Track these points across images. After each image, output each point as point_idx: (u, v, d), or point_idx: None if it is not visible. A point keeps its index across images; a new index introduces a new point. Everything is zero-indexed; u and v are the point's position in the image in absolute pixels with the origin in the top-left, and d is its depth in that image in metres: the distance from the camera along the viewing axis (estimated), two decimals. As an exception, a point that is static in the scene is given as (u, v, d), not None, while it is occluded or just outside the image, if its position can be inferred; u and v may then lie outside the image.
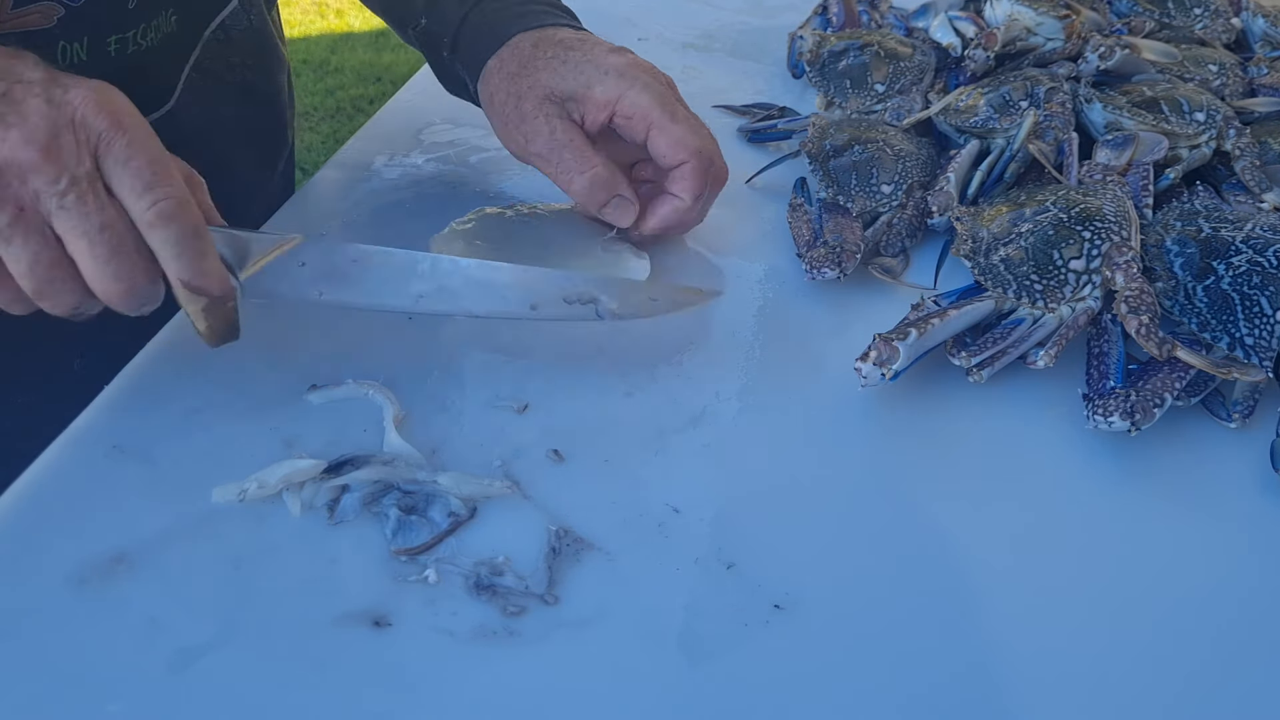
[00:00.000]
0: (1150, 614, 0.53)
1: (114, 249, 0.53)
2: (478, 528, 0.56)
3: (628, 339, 0.68)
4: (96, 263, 0.53)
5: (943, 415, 0.64)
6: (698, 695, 0.49)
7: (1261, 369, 0.64)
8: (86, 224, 0.52)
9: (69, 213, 0.52)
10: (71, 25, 0.68)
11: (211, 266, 0.56)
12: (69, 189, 0.52)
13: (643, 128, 0.70)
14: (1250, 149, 0.80)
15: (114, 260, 0.53)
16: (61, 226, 0.52)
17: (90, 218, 0.52)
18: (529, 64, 0.72)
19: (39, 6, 0.66)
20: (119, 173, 0.53)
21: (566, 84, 0.70)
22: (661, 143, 0.70)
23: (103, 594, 0.51)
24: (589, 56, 0.71)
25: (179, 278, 0.55)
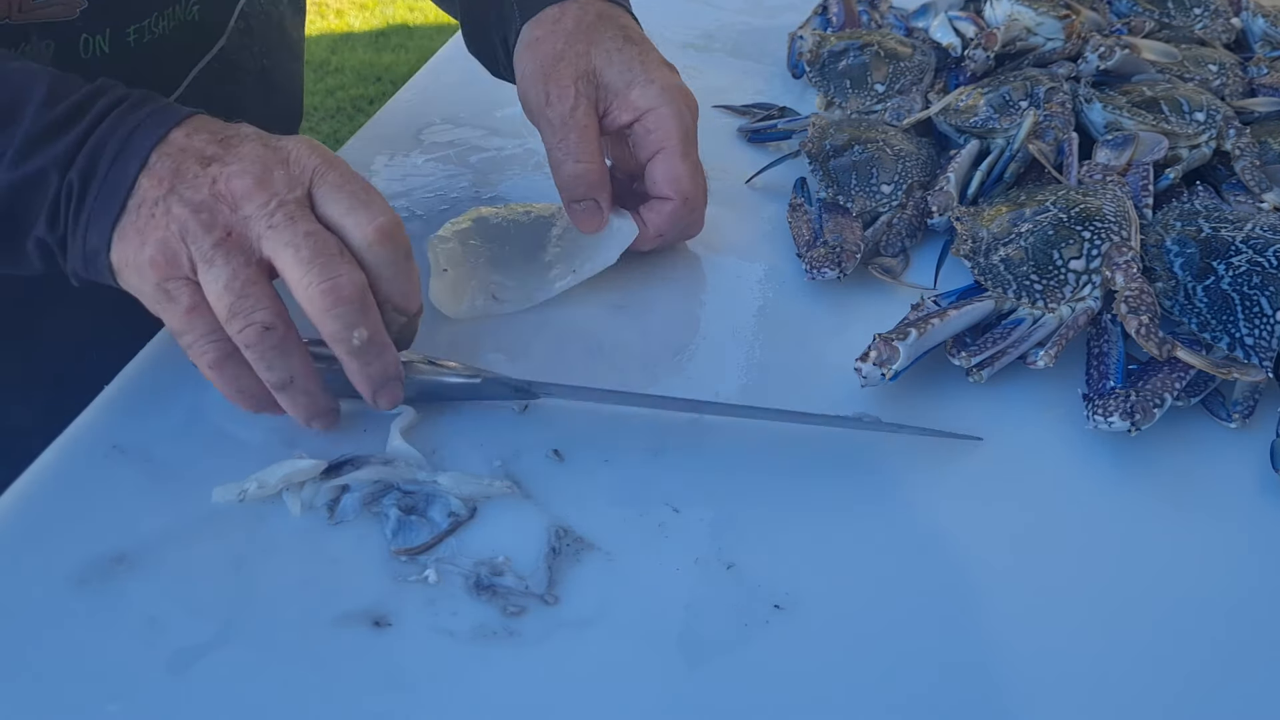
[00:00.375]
0: (1150, 614, 0.53)
1: (318, 250, 0.53)
2: (478, 528, 0.56)
3: (628, 339, 0.68)
4: (301, 265, 0.53)
5: (942, 415, 0.64)
6: (698, 695, 0.49)
7: (1261, 369, 0.64)
8: (293, 233, 0.53)
9: (276, 230, 0.53)
10: (94, 17, 0.69)
11: (415, 287, 0.57)
12: (278, 209, 0.53)
13: (654, 147, 0.70)
14: (1250, 149, 0.80)
15: (318, 260, 0.53)
16: (270, 245, 0.53)
17: (297, 226, 0.53)
18: (588, 32, 0.71)
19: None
20: (334, 196, 0.55)
21: (612, 73, 0.70)
22: (661, 171, 0.70)
23: (103, 594, 0.51)
24: (643, 59, 0.71)
25: (389, 295, 0.56)
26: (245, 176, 0.53)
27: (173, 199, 0.53)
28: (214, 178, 0.54)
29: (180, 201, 0.53)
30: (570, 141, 0.69)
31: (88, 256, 0.55)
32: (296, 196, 0.54)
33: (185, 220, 0.53)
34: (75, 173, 0.54)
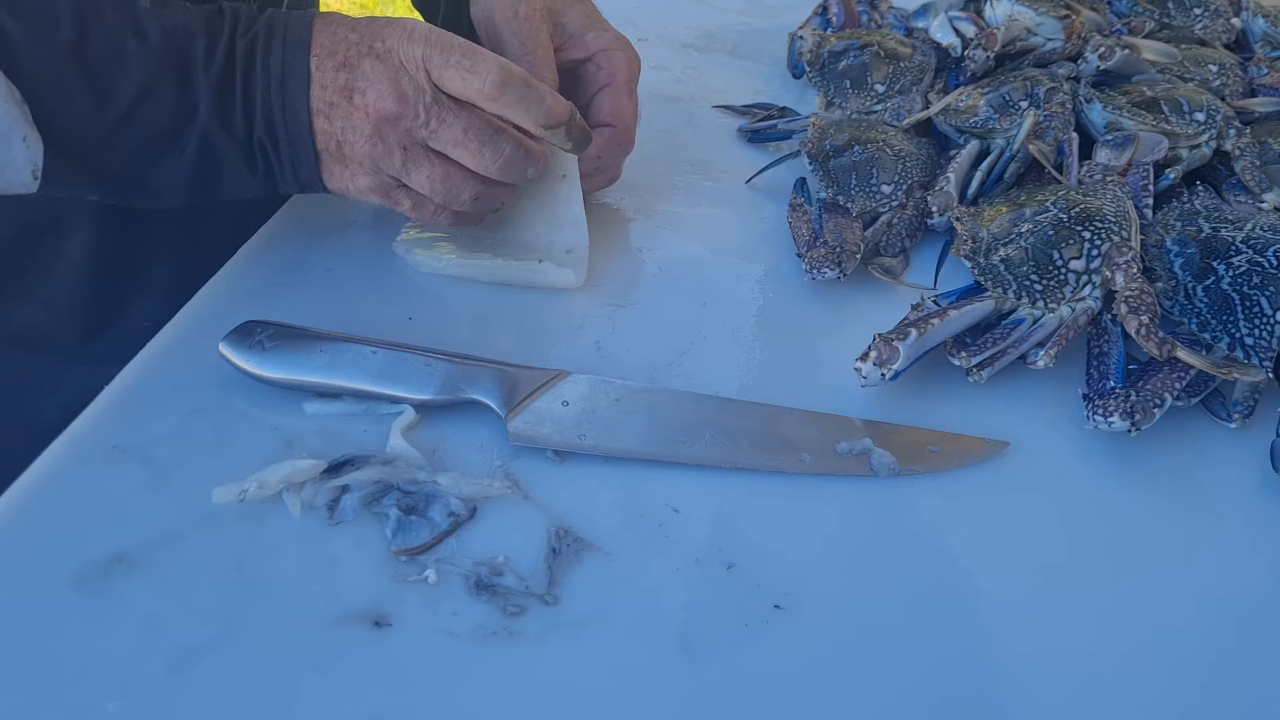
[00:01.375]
0: (1150, 613, 0.53)
1: (482, 140, 0.65)
2: (478, 528, 0.56)
3: (628, 339, 0.68)
4: (475, 156, 0.65)
5: (943, 415, 0.63)
6: (698, 695, 0.49)
7: (1261, 369, 0.64)
8: (453, 134, 0.64)
9: (437, 135, 0.64)
10: None
11: (554, 103, 0.65)
12: (428, 118, 0.63)
13: (603, 82, 0.76)
14: (1250, 149, 0.80)
15: (486, 147, 0.65)
16: (439, 144, 0.64)
17: (453, 128, 0.64)
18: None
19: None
20: (448, 75, 0.63)
21: (570, 18, 0.77)
22: (608, 102, 0.76)
23: (103, 594, 0.51)
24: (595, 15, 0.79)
25: (536, 123, 0.65)
26: (385, 99, 0.62)
27: (349, 139, 0.64)
28: (365, 110, 0.63)
29: (357, 139, 0.64)
30: (536, 57, 0.74)
31: (304, 186, 0.67)
32: (430, 94, 0.63)
33: (370, 154, 0.64)
34: (261, 130, 0.63)
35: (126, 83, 0.59)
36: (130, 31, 0.59)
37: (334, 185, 0.66)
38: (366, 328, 0.67)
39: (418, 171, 0.65)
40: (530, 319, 0.70)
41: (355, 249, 0.75)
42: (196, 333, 0.66)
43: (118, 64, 0.59)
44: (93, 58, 0.58)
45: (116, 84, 0.59)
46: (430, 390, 0.61)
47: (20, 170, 0.57)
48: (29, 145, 0.57)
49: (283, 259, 0.74)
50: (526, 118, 0.64)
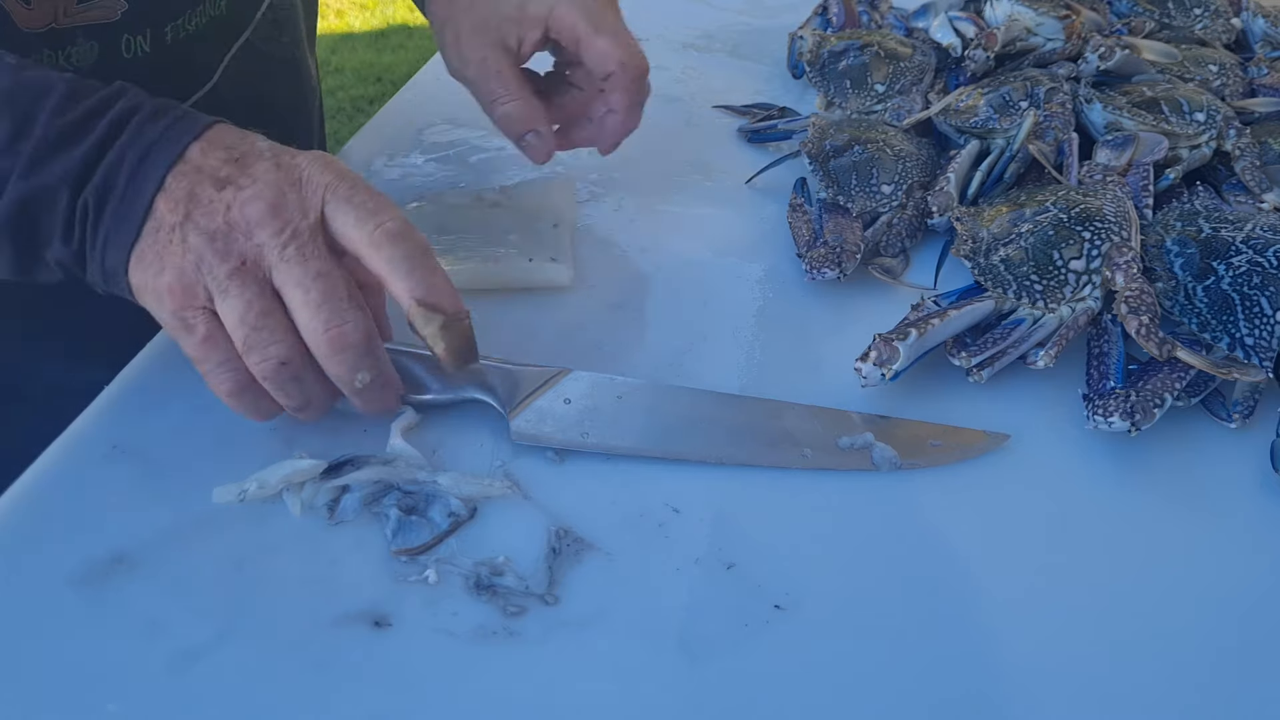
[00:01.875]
0: (1150, 613, 0.53)
1: (326, 294, 0.53)
2: (478, 528, 0.56)
3: (628, 339, 0.68)
4: (309, 308, 0.53)
5: (943, 415, 0.63)
6: (698, 695, 0.49)
7: (1261, 369, 0.64)
8: (304, 271, 0.53)
9: (289, 264, 0.53)
10: (134, 18, 0.71)
11: (442, 282, 0.55)
12: (290, 240, 0.53)
13: (572, 42, 0.72)
14: (1250, 149, 0.80)
15: (326, 305, 0.53)
16: (280, 279, 0.53)
17: (308, 265, 0.53)
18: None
19: (103, 1, 0.69)
20: (343, 209, 0.54)
21: (504, 6, 0.72)
22: (588, 56, 0.72)
23: (103, 594, 0.51)
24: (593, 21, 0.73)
25: (412, 295, 0.55)
26: (258, 202, 0.53)
27: (189, 227, 0.53)
28: (228, 203, 0.53)
29: (196, 230, 0.53)
30: (492, 88, 0.72)
31: (107, 274, 0.55)
32: (310, 223, 0.54)
33: (201, 250, 0.53)
34: (91, 191, 0.54)
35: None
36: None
37: (135, 278, 0.54)
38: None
39: (239, 293, 0.53)
40: (530, 320, 0.70)
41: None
42: (196, 333, 0.66)
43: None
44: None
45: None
46: (432, 390, 0.61)
47: None
48: None
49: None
50: (404, 280, 0.54)
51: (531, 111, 0.72)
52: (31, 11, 0.66)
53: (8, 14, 0.66)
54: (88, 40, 0.70)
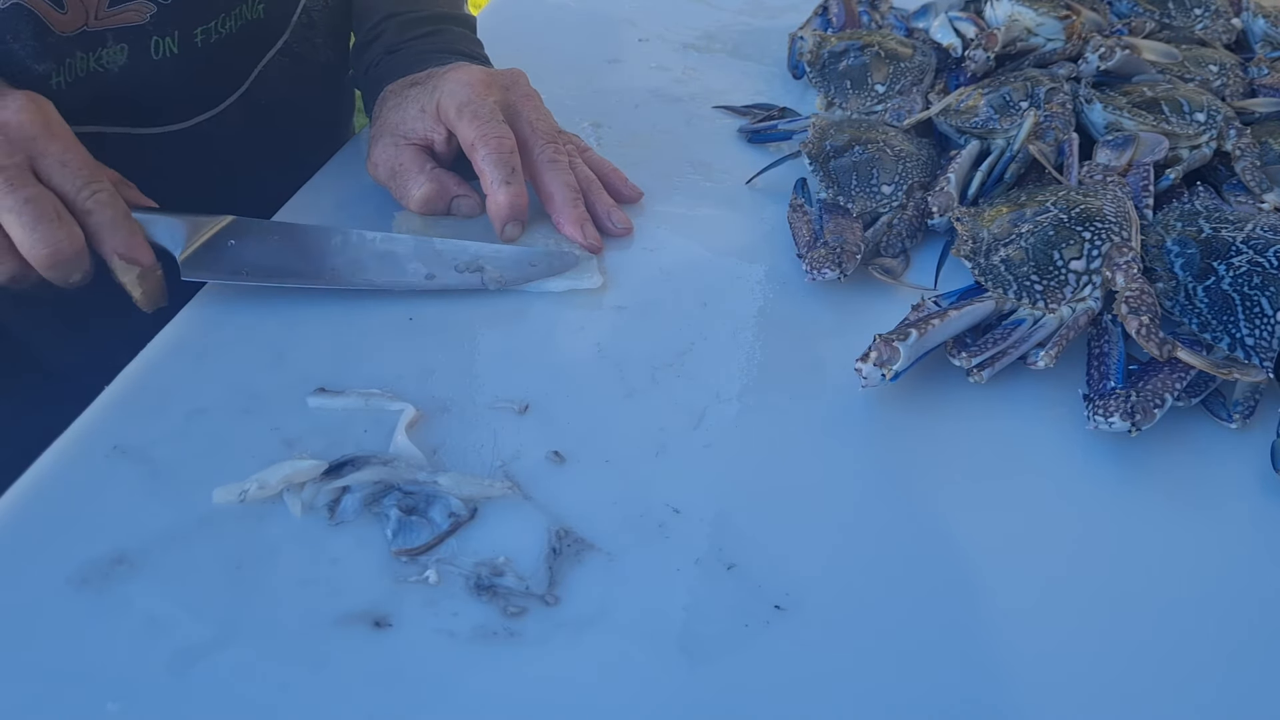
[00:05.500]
0: (1151, 614, 0.53)
1: (38, 216, 0.60)
2: (478, 528, 0.56)
3: (628, 339, 0.68)
4: (24, 230, 0.60)
5: (943, 416, 0.64)
6: (698, 696, 0.49)
7: (1262, 369, 0.64)
8: (13, 198, 0.59)
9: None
10: (163, 20, 0.74)
11: (140, 241, 0.64)
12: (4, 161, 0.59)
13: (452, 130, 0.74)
14: (1251, 149, 0.80)
15: (39, 226, 0.60)
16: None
17: (16, 192, 0.59)
18: (385, 106, 0.79)
19: (133, 4, 0.72)
20: (58, 171, 0.61)
21: (405, 121, 0.76)
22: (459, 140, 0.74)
23: (103, 594, 0.51)
24: (426, 84, 0.77)
25: (115, 250, 0.63)
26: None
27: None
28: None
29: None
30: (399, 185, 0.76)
31: None
32: (16, 162, 0.60)
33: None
34: None
35: None
36: None
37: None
38: (367, 328, 0.67)
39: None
40: (530, 320, 0.70)
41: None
42: (197, 333, 0.66)
43: None
44: None
45: None
46: None
47: None
48: None
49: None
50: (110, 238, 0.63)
51: (439, 187, 0.75)
52: (65, 15, 0.69)
53: (42, 18, 0.68)
54: (118, 42, 0.72)
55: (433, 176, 0.76)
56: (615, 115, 0.93)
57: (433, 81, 0.76)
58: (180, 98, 0.78)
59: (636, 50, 1.07)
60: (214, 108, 0.81)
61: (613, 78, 0.76)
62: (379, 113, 0.79)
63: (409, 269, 0.69)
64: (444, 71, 0.77)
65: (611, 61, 1.03)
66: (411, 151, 0.76)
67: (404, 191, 0.76)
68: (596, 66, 0.76)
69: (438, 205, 0.76)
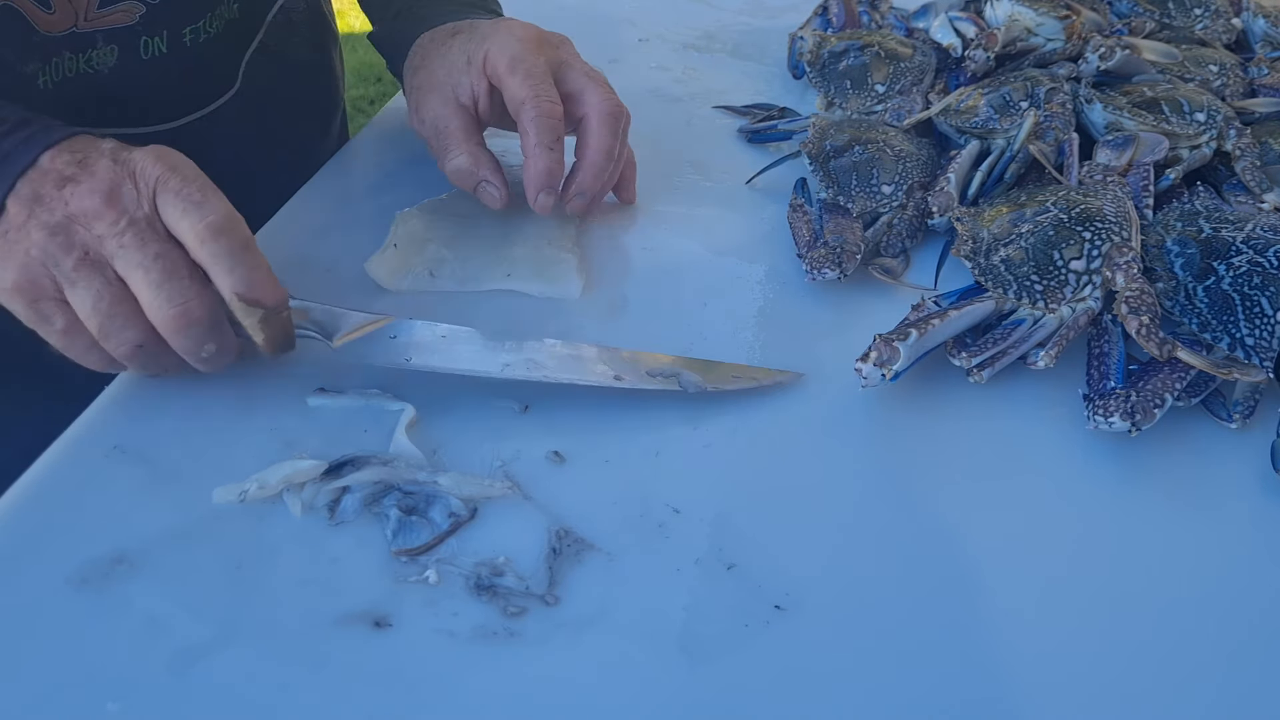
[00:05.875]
0: (1151, 614, 0.53)
1: (167, 273, 0.55)
2: (478, 528, 0.56)
3: (628, 339, 0.68)
4: (151, 288, 0.55)
5: (943, 416, 0.64)
6: (698, 696, 0.49)
7: (1262, 369, 0.64)
8: (142, 254, 0.55)
9: (127, 250, 0.55)
10: (152, 21, 0.73)
11: (263, 277, 0.57)
12: (127, 229, 0.55)
13: (498, 83, 0.73)
14: (1251, 149, 0.80)
15: (167, 284, 0.55)
16: (121, 266, 0.55)
17: (146, 248, 0.55)
18: (429, 55, 0.76)
19: (122, 5, 0.72)
20: (172, 202, 0.56)
21: (451, 68, 0.74)
22: (506, 96, 0.72)
23: (103, 594, 0.51)
24: (469, 34, 0.75)
25: (233, 290, 0.56)
26: (94, 195, 0.55)
27: (32, 224, 0.55)
28: (66, 199, 0.55)
29: (38, 225, 0.55)
30: (441, 144, 0.74)
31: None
32: (145, 213, 0.55)
33: (44, 244, 0.55)
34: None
35: None
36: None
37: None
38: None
39: (86, 285, 0.55)
40: (530, 320, 0.70)
41: (357, 248, 0.75)
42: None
43: None
44: None
45: None
46: None
47: None
48: None
49: (283, 258, 0.73)
50: (228, 278, 0.56)
51: (478, 162, 0.74)
52: (53, 16, 0.68)
53: (27, 18, 0.68)
54: (108, 43, 0.72)
55: (473, 151, 0.74)
56: (615, 115, 0.92)
57: (480, 32, 0.74)
58: (170, 97, 0.78)
59: (636, 50, 1.07)
60: (204, 107, 0.81)
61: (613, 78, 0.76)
62: (421, 63, 0.77)
63: (595, 370, 0.64)
64: (491, 23, 0.75)
65: (611, 61, 1.03)
66: (463, 118, 0.74)
67: (443, 153, 0.74)
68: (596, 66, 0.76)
69: (467, 181, 0.74)
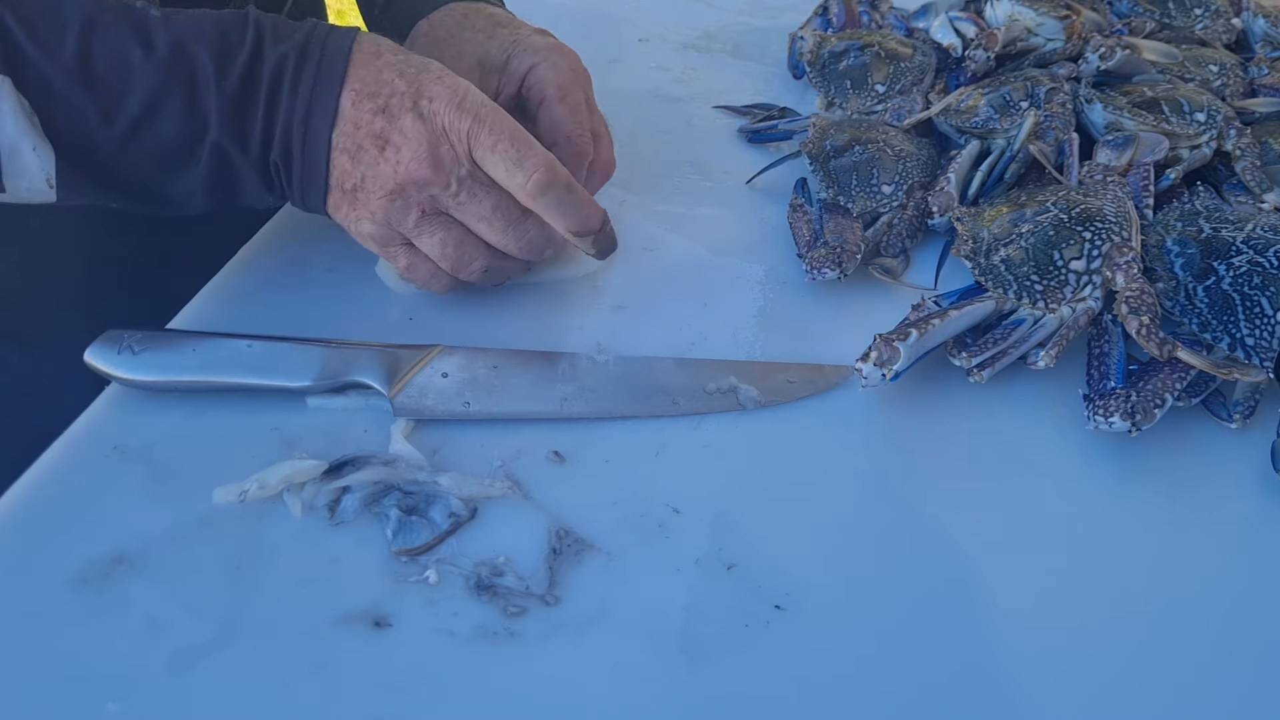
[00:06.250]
0: (1151, 614, 0.53)
1: (508, 221, 0.64)
2: (478, 528, 0.56)
3: (628, 339, 0.68)
4: (497, 235, 0.64)
5: (943, 416, 0.64)
6: (698, 696, 0.49)
7: (1262, 369, 0.64)
8: (480, 209, 0.63)
9: (464, 207, 0.63)
10: None
11: (590, 212, 0.64)
12: (459, 190, 0.62)
13: (537, 101, 0.73)
14: (1251, 149, 0.80)
15: (510, 229, 0.64)
16: (462, 216, 0.63)
17: (482, 203, 0.63)
18: (457, 33, 0.76)
19: None
20: (490, 159, 0.61)
21: (490, 56, 0.75)
22: (543, 119, 0.73)
23: (103, 594, 0.51)
24: (515, 35, 0.75)
25: (569, 230, 0.64)
26: (419, 164, 0.61)
27: (368, 191, 0.62)
28: (394, 165, 0.61)
29: (374, 194, 0.62)
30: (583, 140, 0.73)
31: (310, 209, 0.65)
32: (468, 170, 0.62)
33: (385, 210, 0.62)
34: (277, 155, 0.61)
35: (132, 97, 0.58)
36: (136, 43, 0.58)
37: (339, 218, 0.65)
38: (366, 328, 0.67)
39: (430, 235, 0.63)
40: (530, 320, 0.70)
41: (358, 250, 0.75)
42: (197, 333, 0.66)
43: (122, 78, 0.58)
44: (97, 72, 0.57)
45: (122, 98, 0.58)
46: (309, 377, 0.61)
47: (34, 179, 0.58)
48: (40, 155, 0.57)
49: (284, 259, 0.74)
50: (561, 221, 0.63)
51: None
52: None
53: None
54: None
55: None
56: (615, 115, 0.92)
57: (528, 43, 0.74)
58: None
59: (636, 50, 1.07)
60: None
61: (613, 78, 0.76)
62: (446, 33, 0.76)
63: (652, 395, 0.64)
64: (541, 38, 0.75)
65: (611, 61, 1.03)
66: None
67: None
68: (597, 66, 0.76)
69: None
